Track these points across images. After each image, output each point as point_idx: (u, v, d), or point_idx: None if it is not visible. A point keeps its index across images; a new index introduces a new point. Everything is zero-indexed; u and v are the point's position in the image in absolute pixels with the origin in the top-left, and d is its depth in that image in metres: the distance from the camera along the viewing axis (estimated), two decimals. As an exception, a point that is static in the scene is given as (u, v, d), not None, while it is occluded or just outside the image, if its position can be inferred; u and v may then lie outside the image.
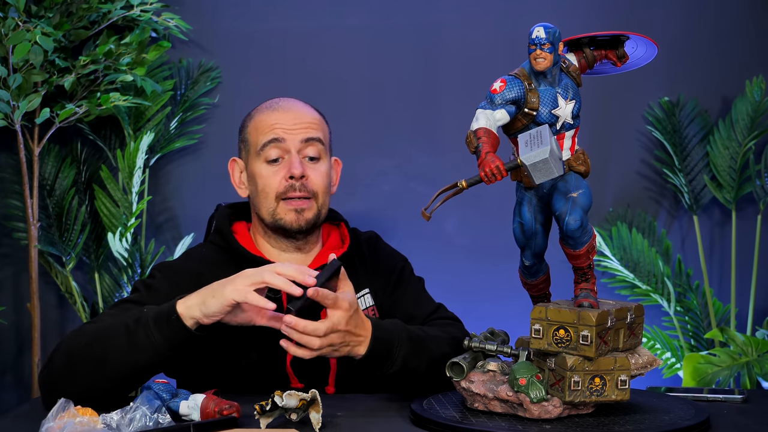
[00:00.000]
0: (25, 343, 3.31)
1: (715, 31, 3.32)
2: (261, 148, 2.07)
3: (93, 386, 1.79)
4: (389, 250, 2.24)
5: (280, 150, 2.06)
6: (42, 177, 3.23)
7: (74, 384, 1.79)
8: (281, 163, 2.06)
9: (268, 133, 2.07)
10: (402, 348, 1.87)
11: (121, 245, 3.15)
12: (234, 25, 3.30)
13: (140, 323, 1.80)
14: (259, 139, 2.08)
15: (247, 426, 1.67)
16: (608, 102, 3.27)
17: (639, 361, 1.75)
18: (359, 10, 3.31)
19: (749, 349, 3.04)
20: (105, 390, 1.80)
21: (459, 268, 3.25)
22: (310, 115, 2.12)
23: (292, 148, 2.05)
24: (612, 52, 1.76)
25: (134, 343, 1.79)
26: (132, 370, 1.80)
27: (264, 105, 2.14)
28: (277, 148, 2.06)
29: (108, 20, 3.13)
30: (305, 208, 2.05)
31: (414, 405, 1.77)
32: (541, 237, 1.75)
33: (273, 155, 2.06)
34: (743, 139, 3.23)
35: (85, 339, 1.83)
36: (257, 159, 2.08)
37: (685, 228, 3.35)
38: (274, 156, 2.06)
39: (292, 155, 2.05)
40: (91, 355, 1.80)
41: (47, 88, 3.02)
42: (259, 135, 2.08)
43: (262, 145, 2.07)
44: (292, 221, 2.05)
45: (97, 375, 1.80)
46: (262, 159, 2.07)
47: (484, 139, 1.62)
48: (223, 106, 3.30)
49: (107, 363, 1.79)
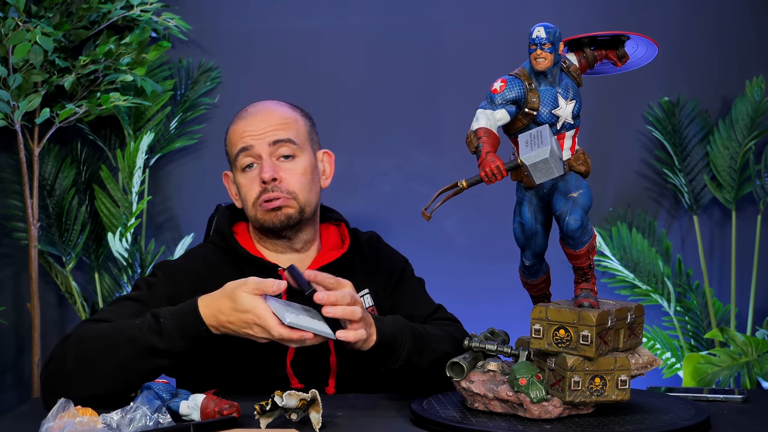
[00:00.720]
0: (25, 343, 3.31)
1: (715, 31, 3.32)
2: (235, 159, 2.11)
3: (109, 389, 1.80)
4: (390, 251, 2.24)
5: (251, 157, 2.08)
6: (42, 177, 3.23)
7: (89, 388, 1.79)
8: (255, 169, 2.08)
9: (238, 143, 2.10)
10: (406, 343, 1.88)
11: (121, 245, 3.15)
12: (234, 25, 3.30)
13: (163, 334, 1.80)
14: (233, 151, 2.12)
15: (247, 426, 1.67)
16: (608, 102, 3.27)
17: (639, 361, 1.75)
18: (359, 10, 3.31)
19: (749, 349, 3.04)
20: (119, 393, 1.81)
21: (459, 268, 3.25)
22: (279, 115, 2.12)
23: (262, 153, 2.07)
24: (612, 52, 1.76)
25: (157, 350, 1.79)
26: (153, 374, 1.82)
27: (237, 115, 2.16)
28: (248, 155, 2.08)
29: (108, 20, 3.13)
30: (282, 206, 2.06)
31: (414, 405, 1.77)
32: (541, 237, 1.75)
33: (246, 162, 2.08)
34: (743, 139, 3.23)
35: (100, 343, 1.82)
36: (236, 170, 2.12)
37: (685, 228, 3.35)
38: (247, 162, 2.08)
39: (264, 160, 2.06)
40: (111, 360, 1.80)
41: (47, 88, 3.02)
42: (232, 147, 2.12)
43: (235, 155, 2.11)
44: (272, 219, 2.06)
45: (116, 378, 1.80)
46: (239, 168, 2.10)
47: (484, 139, 1.62)
48: (223, 106, 3.30)
49: (128, 369, 1.80)
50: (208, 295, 1.83)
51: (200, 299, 1.82)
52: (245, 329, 1.79)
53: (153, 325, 1.81)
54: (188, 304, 1.83)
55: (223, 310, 1.79)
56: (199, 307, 1.81)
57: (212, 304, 1.81)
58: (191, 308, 1.82)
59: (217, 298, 1.81)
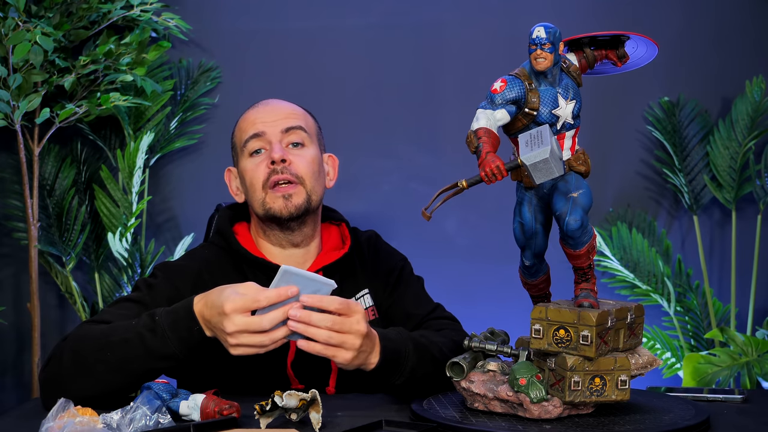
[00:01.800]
0: (25, 343, 3.31)
1: (715, 31, 3.32)
2: (244, 144, 2.10)
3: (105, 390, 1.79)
4: (389, 250, 2.24)
5: (261, 142, 2.08)
6: (42, 177, 3.23)
7: (82, 387, 1.79)
8: (264, 154, 2.08)
9: (249, 129, 2.10)
10: (409, 359, 1.86)
11: (121, 245, 3.15)
12: (234, 25, 3.30)
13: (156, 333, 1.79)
14: (242, 137, 2.11)
15: (247, 426, 1.67)
16: (608, 102, 3.27)
17: (639, 361, 1.75)
18: (359, 10, 3.31)
19: (749, 349, 3.04)
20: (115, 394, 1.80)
21: (459, 268, 3.25)
22: (291, 108, 2.15)
23: (273, 138, 2.07)
24: (612, 52, 1.76)
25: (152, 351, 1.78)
26: (150, 376, 1.80)
27: (247, 110, 2.17)
28: (259, 140, 2.08)
29: (108, 20, 3.13)
30: (292, 194, 2.05)
31: (414, 405, 1.77)
32: (541, 237, 1.75)
33: (255, 147, 2.08)
34: (743, 139, 3.23)
35: (96, 344, 1.81)
36: (243, 156, 2.10)
37: (685, 228, 3.35)
38: (257, 147, 2.08)
39: (273, 144, 2.07)
40: (104, 360, 1.79)
41: (47, 88, 3.02)
42: (242, 134, 2.12)
43: (245, 141, 2.10)
44: (281, 207, 2.05)
45: (110, 380, 1.79)
46: (246, 154, 2.09)
47: (484, 139, 1.62)
48: (223, 106, 3.30)
49: (123, 370, 1.79)
50: (203, 294, 1.81)
51: (196, 297, 1.80)
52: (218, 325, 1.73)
53: (148, 324, 1.80)
54: (184, 303, 1.81)
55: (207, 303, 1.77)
56: (193, 305, 1.79)
57: (202, 300, 1.79)
58: (186, 306, 1.80)
59: (209, 295, 1.79)
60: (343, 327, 1.73)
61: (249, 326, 1.71)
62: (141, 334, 1.79)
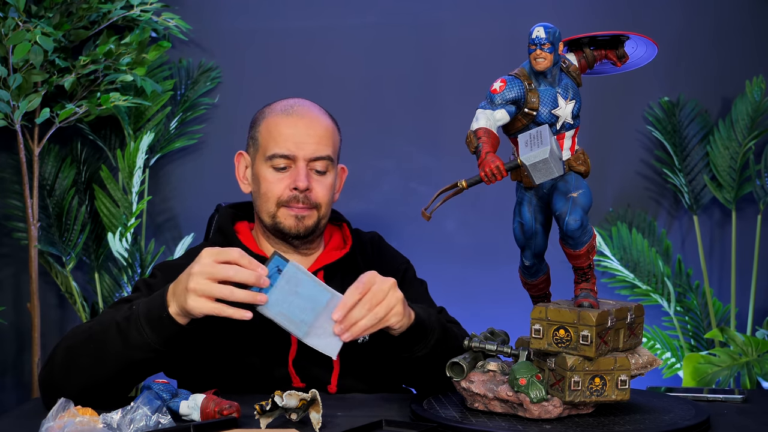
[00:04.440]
0: (25, 343, 3.31)
1: (715, 31, 3.32)
2: (270, 157, 2.06)
3: (89, 383, 1.79)
4: (392, 252, 2.24)
5: (289, 161, 2.06)
6: (42, 177, 3.23)
7: (70, 381, 1.79)
8: (287, 172, 2.06)
9: (280, 144, 2.06)
10: (435, 332, 1.90)
11: (121, 245, 3.15)
12: (234, 25, 3.30)
13: (131, 320, 1.78)
14: (269, 146, 2.07)
15: (247, 426, 1.67)
16: (608, 102, 3.27)
17: (639, 361, 1.75)
18: (359, 10, 3.31)
19: (749, 349, 3.04)
20: (101, 387, 1.79)
21: (459, 268, 3.25)
22: (323, 128, 2.10)
23: (300, 164, 2.05)
24: (612, 52, 1.76)
25: (127, 340, 1.77)
26: (128, 366, 1.79)
27: (279, 106, 2.12)
28: (287, 161, 2.06)
29: (108, 20, 3.13)
30: (306, 216, 2.06)
31: (414, 405, 1.77)
32: (541, 237, 1.75)
33: (280, 164, 2.06)
34: (743, 139, 3.23)
35: (82, 337, 1.83)
36: (264, 162, 2.07)
37: (685, 228, 3.35)
38: (282, 165, 2.06)
39: (299, 167, 2.05)
40: (87, 352, 1.79)
41: (47, 88, 3.03)
42: (269, 141, 2.07)
43: (271, 154, 2.06)
44: (291, 226, 2.06)
45: (93, 372, 1.79)
46: (268, 164, 2.07)
47: (484, 139, 1.62)
48: (223, 106, 3.30)
49: (103, 360, 1.79)
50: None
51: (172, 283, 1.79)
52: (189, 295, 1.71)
53: (125, 312, 1.79)
54: (162, 290, 1.80)
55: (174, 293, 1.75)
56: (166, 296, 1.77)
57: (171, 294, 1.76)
58: (162, 293, 1.79)
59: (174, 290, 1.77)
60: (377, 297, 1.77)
61: (213, 274, 1.71)
62: (118, 324, 1.79)
